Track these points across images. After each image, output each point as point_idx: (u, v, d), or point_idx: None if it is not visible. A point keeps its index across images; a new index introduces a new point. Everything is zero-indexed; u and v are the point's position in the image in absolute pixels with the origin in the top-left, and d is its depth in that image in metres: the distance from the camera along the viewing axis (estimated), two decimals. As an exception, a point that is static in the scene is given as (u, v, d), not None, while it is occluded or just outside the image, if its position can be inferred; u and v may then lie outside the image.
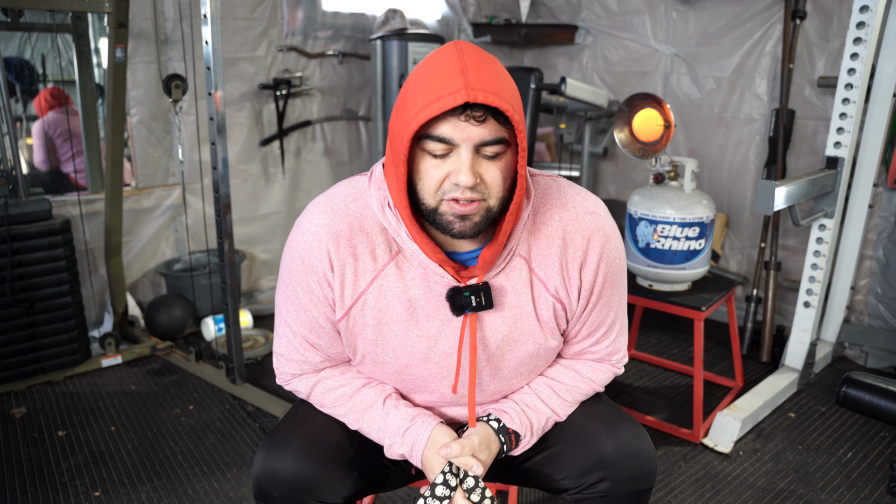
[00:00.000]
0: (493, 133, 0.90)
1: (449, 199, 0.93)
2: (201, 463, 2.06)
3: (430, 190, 0.93)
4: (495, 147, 0.91)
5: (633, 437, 1.09)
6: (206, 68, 2.14)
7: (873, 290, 2.77)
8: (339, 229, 1.01)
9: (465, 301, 1.00)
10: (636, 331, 2.76)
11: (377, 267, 1.02)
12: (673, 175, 2.30)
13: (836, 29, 2.72)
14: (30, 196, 2.45)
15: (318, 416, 1.16)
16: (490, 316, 1.04)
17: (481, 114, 0.88)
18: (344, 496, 1.07)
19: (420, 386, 1.11)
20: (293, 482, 1.04)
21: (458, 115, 0.88)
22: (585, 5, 3.56)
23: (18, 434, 2.20)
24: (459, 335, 1.04)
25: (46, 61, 3.07)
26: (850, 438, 2.21)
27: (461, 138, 0.89)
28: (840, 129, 2.31)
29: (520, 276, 1.04)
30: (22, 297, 2.40)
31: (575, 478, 1.09)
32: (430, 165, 0.92)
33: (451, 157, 0.91)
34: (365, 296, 1.02)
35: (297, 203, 3.45)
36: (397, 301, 1.02)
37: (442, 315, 1.03)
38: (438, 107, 0.86)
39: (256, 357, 2.78)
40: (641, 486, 1.08)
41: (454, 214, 0.93)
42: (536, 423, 1.12)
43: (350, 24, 3.42)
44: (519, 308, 1.05)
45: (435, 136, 0.90)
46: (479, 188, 0.92)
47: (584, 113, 3.28)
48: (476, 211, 0.93)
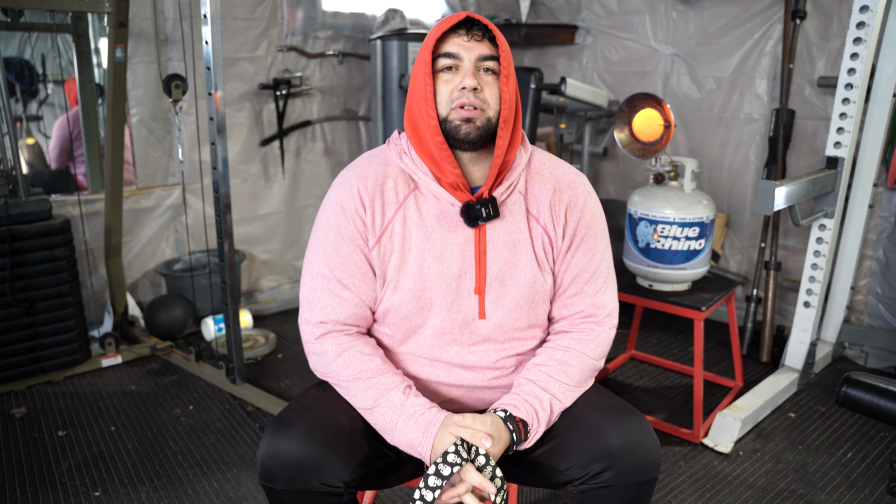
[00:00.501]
0: (489, 50, 1.14)
1: (457, 105, 1.13)
2: (201, 463, 2.06)
3: (443, 101, 1.15)
4: (491, 62, 1.14)
5: (637, 428, 1.12)
6: (206, 68, 2.14)
7: (873, 290, 2.77)
8: (366, 174, 1.22)
9: (477, 213, 1.17)
10: (636, 331, 2.76)
11: (399, 199, 1.20)
12: (673, 175, 2.30)
13: (836, 29, 2.72)
14: (30, 196, 2.45)
15: (323, 401, 1.18)
16: (493, 240, 1.20)
17: (480, 35, 1.13)
18: (345, 480, 1.08)
19: (434, 312, 1.20)
20: (297, 463, 1.06)
21: (462, 35, 1.13)
22: (585, 5, 3.56)
23: (18, 434, 2.20)
24: (474, 244, 1.19)
25: (46, 61, 3.07)
26: (850, 438, 2.21)
27: (465, 52, 1.13)
28: (840, 129, 2.31)
29: (519, 209, 1.22)
30: (22, 297, 2.40)
31: (580, 467, 1.11)
32: (442, 81, 1.15)
33: (459, 72, 1.14)
34: (392, 224, 1.19)
35: (297, 203, 3.45)
36: (416, 228, 1.19)
37: (453, 239, 1.19)
38: (447, 24, 1.14)
39: (256, 357, 2.78)
40: (645, 477, 1.10)
41: (461, 119, 1.14)
42: (541, 410, 1.16)
43: (350, 24, 3.42)
44: (517, 234, 1.21)
45: (444, 53, 1.14)
46: (480, 97, 1.14)
47: (584, 113, 3.28)
48: (478, 117, 1.14)
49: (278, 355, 2.85)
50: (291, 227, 3.44)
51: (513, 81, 1.16)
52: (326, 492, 1.08)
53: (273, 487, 1.09)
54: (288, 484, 1.07)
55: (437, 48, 1.15)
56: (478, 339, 1.22)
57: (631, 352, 2.80)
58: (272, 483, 1.09)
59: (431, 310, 1.20)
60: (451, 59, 1.14)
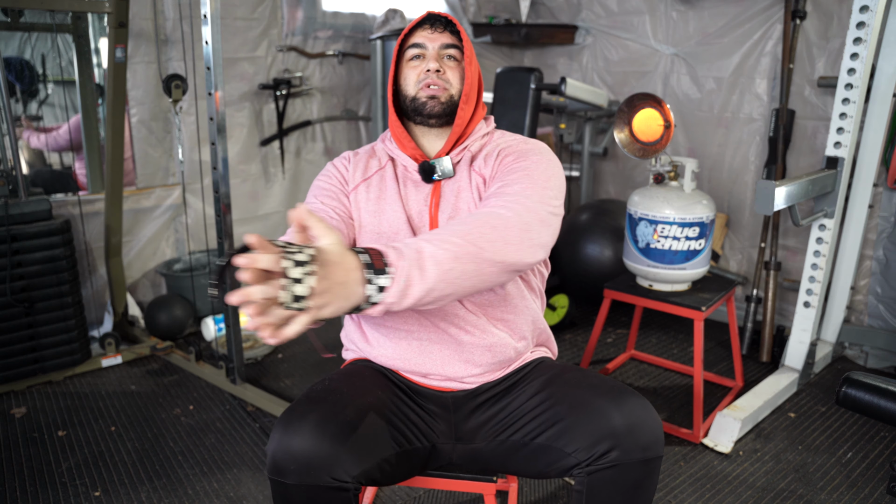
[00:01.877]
0: (450, 39, 1.32)
1: (423, 85, 1.30)
2: (201, 463, 2.06)
3: (411, 82, 1.32)
4: (453, 50, 1.32)
5: (639, 407, 1.14)
6: (206, 68, 2.14)
7: (873, 290, 2.77)
8: (356, 151, 1.44)
9: (430, 168, 1.32)
10: (636, 331, 2.76)
11: (379, 165, 1.39)
12: (673, 175, 2.30)
13: (836, 29, 2.72)
14: (30, 196, 2.45)
15: (331, 395, 1.19)
16: (445, 193, 1.33)
17: (442, 27, 1.32)
18: (354, 474, 1.09)
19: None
20: (309, 458, 1.07)
21: (427, 29, 1.32)
22: (585, 5, 3.56)
23: (18, 434, 2.20)
24: (430, 197, 1.33)
25: (46, 61, 3.07)
26: (850, 438, 2.21)
27: (429, 42, 1.31)
28: (840, 129, 2.31)
29: (465, 166, 1.34)
30: (22, 297, 2.40)
31: (586, 449, 1.12)
32: (410, 67, 1.33)
33: (425, 60, 1.32)
34: (369, 180, 1.36)
35: (297, 203, 3.44)
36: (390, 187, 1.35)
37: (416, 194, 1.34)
38: (414, 22, 1.33)
39: (256, 357, 2.78)
40: (650, 454, 1.12)
41: (427, 96, 1.30)
42: (407, 249, 0.97)
43: (350, 24, 3.42)
44: (460, 183, 1.33)
45: (412, 44, 1.32)
46: (443, 78, 1.30)
47: (584, 113, 3.28)
48: (442, 94, 1.30)
49: (278, 355, 2.85)
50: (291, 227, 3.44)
51: (475, 65, 1.33)
52: (336, 487, 1.08)
53: (283, 482, 1.09)
54: (299, 479, 1.08)
55: (406, 41, 1.33)
56: None
57: (631, 352, 2.80)
58: (282, 477, 1.09)
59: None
60: (418, 48, 1.32)
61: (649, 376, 2.67)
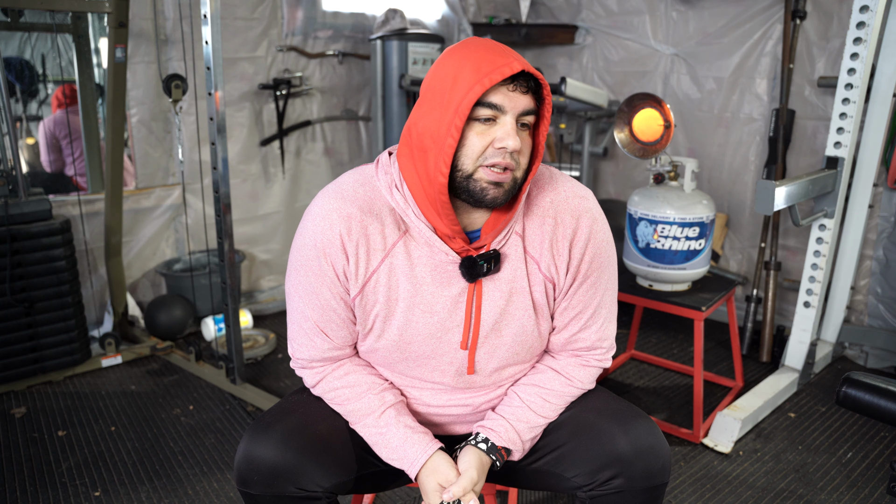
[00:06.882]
0: (532, 104, 1.01)
1: (487, 164, 0.99)
2: (201, 463, 2.06)
3: (472, 156, 0.99)
4: (530, 117, 1.01)
5: (646, 433, 1.09)
6: (206, 68, 2.14)
7: (873, 290, 2.77)
8: (349, 212, 1.06)
9: (479, 269, 1.06)
10: (636, 331, 2.76)
11: (387, 245, 1.07)
12: (673, 175, 2.30)
13: (836, 29, 2.72)
14: (30, 196, 2.45)
15: (306, 406, 1.17)
16: (489, 290, 1.09)
17: (525, 86, 0.99)
18: (324, 486, 1.07)
19: (421, 363, 1.14)
20: (272, 468, 1.05)
21: (508, 86, 0.98)
22: (585, 5, 3.56)
23: (18, 434, 2.20)
24: (467, 298, 1.09)
25: (46, 61, 3.06)
26: (850, 438, 2.21)
27: (510, 106, 0.98)
28: (840, 129, 2.31)
29: (516, 253, 1.10)
30: (22, 297, 2.40)
31: (588, 475, 1.09)
32: (476, 132, 0.99)
33: (496, 125, 0.99)
34: (377, 273, 1.08)
35: (297, 203, 3.45)
36: (405, 277, 1.07)
37: (445, 291, 1.08)
38: (497, 75, 0.95)
39: (256, 357, 2.78)
40: (656, 482, 1.08)
41: (489, 181, 1.00)
42: (525, 434, 1.15)
43: (350, 24, 3.42)
44: (514, 283, 1.10)
45: (486, 103, 0.98)
46: (514, 156, 1.00)
47: (584, 113, 3.28)
48: (508, 179, 1.01)
49: (278, 355, 2.85)
50: (291, 227, 3.44)
51: (546, 125, 1.04)
52: (303, 496, 1.06)
53: (249, 492, 1.08)
54: (263, 489, 1.06)
55: (479, 94, 0.97)
56: (470, 385, 1.18)
57: (631, 352, 2.80)
58: (248, 488, 1.07)
59: (418, 361, 1.15)
60: (493, 109, 0.98)
61: (649, 376, 2.67)
